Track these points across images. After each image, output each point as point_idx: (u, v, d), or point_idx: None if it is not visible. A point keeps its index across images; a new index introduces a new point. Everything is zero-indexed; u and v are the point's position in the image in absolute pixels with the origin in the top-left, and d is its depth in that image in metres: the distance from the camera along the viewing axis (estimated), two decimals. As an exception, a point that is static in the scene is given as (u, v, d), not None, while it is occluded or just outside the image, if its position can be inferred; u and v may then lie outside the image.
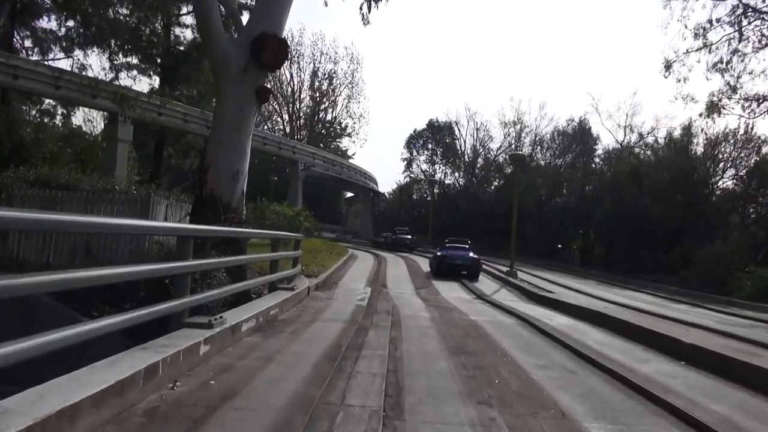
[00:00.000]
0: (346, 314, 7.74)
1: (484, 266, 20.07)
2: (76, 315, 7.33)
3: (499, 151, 49.95)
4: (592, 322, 8.78)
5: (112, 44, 19.51)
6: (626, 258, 27.64)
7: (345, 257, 19.38)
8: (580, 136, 42.97)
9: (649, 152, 34.88)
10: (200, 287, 7.24)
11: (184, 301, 4.83)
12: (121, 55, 19.26)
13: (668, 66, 20.08)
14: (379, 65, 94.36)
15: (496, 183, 48.96)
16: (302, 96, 54.72)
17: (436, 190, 50.67)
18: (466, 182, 51.14)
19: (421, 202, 52.06)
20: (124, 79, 21.66)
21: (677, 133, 31.50)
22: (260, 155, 41.06)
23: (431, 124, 52.58)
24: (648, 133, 39.13)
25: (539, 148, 45.94)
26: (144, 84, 23.01)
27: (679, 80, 20.44)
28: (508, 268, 17.82)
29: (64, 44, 18.52)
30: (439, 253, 18.74)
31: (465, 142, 52.17)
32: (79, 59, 20.51)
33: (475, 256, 18.09)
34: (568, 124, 44.76)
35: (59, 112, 29.05)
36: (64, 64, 21.16)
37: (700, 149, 29.38)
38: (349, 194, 61.39)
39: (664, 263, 24.39)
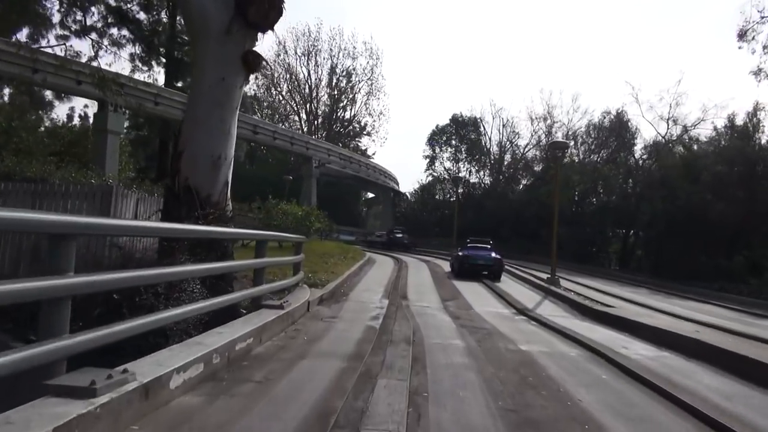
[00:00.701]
0: (350, 344, 5.65)
1: (519, 273, 18.42)
2: (6, 339, 5.58)
3: (527, 148, 47.21)
4: (686, 353, 6.47)
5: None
6: (679, 263, 24.62)
7: (360, 262, 17.44)
8: (618, 130, 39.81)
9: (700, 143, 31.43)
10: (163, 305, 5.40)
11: (52, 348, 2.83)
12: (115, 30, 17.63)
13: (743, 34, 17.30)
14: (399, 61, 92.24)
15: (524, 182, 46.15)
16: (320, 94, 53.14)
17: (460, 190, 48.14)
18: (492, 181, 48.49)
19: (445, 203, 49.55)
20: (137, 74, 20.17)
21: (740, 119, 27.90)
22: (276, 154, 39.50)
23: (455, 119, 50.05)
24: (694, 125, 35.81)
25: (572, 143, 42.88)
26: (145, 75, 21.35)
27: (764, 48, 17.41)
28: (549, 275, 15.49)
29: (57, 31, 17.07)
30: (460, 253, 18.11)
31: (490, 138, 49.56)
32: (72, 47, 19.12)
33: (498, 256, 17.43)
34: (604, 117, 41.64)
35: (79, 113, 28.33)
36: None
37: (765, 137, 26.08)
38: (370, 195, 59.42)
39: (726, 269, 21.43)
